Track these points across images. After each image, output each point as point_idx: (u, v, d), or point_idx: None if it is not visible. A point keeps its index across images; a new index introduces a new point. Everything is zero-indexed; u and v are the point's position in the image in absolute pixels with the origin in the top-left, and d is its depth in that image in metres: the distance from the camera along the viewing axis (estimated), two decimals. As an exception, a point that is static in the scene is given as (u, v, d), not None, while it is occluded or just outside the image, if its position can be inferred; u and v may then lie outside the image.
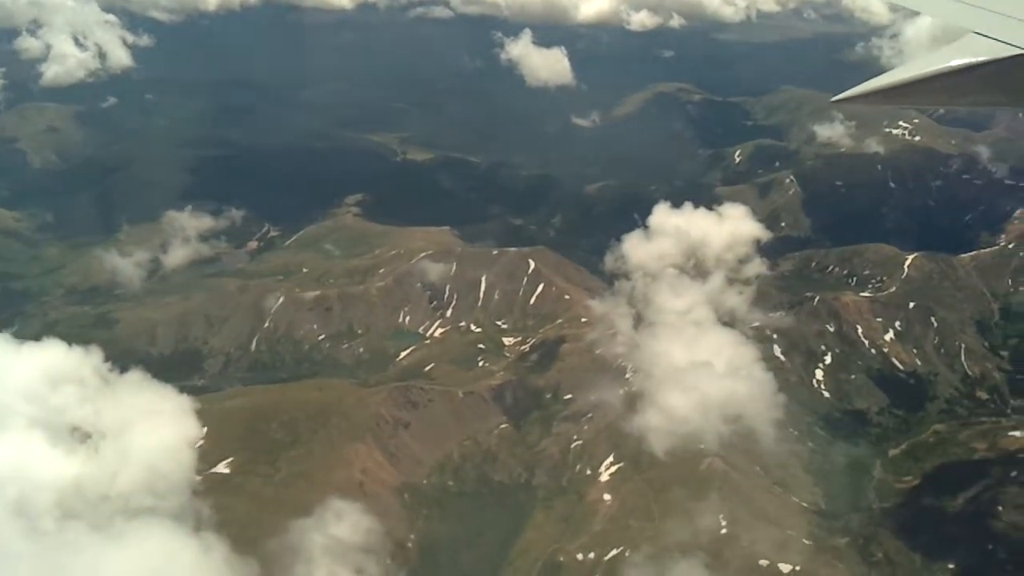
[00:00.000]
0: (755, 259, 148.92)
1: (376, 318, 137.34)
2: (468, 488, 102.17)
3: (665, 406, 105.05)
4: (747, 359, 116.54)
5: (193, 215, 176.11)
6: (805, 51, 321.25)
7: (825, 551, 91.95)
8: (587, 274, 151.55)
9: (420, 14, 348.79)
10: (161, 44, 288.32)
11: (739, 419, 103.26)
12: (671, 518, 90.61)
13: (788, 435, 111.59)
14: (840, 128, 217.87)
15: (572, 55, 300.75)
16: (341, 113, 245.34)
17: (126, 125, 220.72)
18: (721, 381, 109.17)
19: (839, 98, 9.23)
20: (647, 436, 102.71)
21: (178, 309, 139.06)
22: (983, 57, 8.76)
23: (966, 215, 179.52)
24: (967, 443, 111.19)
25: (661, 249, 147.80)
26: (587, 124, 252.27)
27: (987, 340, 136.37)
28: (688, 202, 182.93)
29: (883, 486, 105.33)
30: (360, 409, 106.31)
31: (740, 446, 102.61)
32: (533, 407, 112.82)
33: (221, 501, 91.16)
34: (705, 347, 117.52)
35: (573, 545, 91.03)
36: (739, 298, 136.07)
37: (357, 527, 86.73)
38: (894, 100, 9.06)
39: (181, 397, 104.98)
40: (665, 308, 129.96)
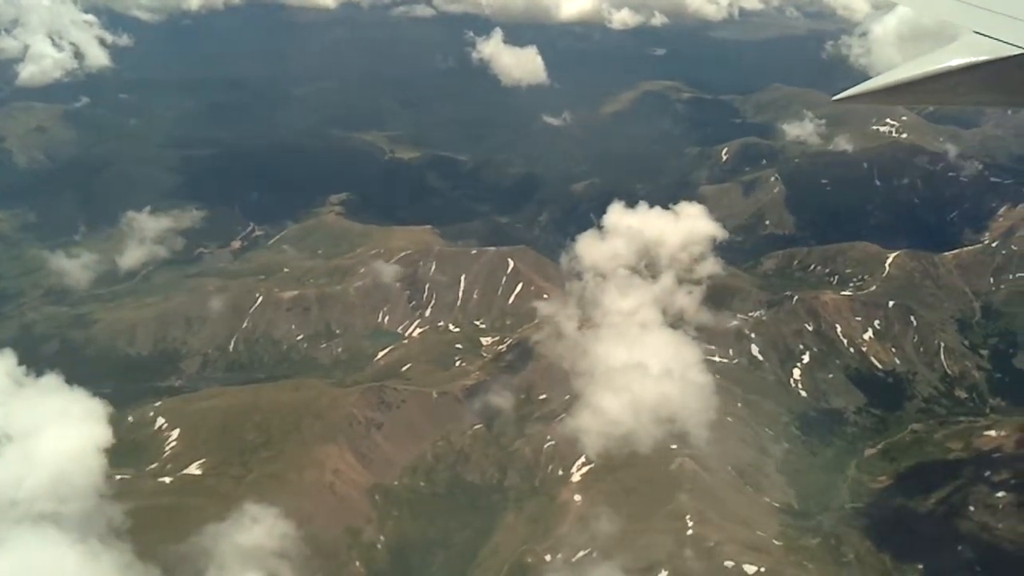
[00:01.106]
0: (710, 258, 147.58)
1: (355, 318, 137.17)
2: (440, 489, 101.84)
3: (599, 408, 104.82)
4: (689, 360, 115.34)
5: (176, 215, 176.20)
6: (794, 48, 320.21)
7: (796, 551, 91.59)
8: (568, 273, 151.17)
9: (403, 12, 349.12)
10: (141, 44, 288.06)
11: (672, 420, 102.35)
12: (639, 519, 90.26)
13: (763, 435, 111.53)
14: (810, 126, 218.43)
15: (559, 53, 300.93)
16: (330, 112, 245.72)
17: (110, 125, 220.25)
18: (655, 382, 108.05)
19: (841, 97, 9.31)
20: (581, 438, 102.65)
21: (157, 309, 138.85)
22: (984, 57, 8.79)
23: (951, 213, 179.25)
24: (943, 443, 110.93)
25: (614, 249, 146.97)
26: (574, 122, 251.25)
27: (967, 338, 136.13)
28: (672, 200, 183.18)
29: (857, 486, 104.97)
30: (333, 410, 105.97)
31: (712, 446, 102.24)
32: (507, 407, 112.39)
33: (186, 502, 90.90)
34: (646, 348, 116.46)
35: (542, 546, 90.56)
36: (689, 298, 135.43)
37: (272, 531, 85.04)
38: (895, 99, 9.14)
39: (93, 401, 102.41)
40: (612, 309, 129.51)
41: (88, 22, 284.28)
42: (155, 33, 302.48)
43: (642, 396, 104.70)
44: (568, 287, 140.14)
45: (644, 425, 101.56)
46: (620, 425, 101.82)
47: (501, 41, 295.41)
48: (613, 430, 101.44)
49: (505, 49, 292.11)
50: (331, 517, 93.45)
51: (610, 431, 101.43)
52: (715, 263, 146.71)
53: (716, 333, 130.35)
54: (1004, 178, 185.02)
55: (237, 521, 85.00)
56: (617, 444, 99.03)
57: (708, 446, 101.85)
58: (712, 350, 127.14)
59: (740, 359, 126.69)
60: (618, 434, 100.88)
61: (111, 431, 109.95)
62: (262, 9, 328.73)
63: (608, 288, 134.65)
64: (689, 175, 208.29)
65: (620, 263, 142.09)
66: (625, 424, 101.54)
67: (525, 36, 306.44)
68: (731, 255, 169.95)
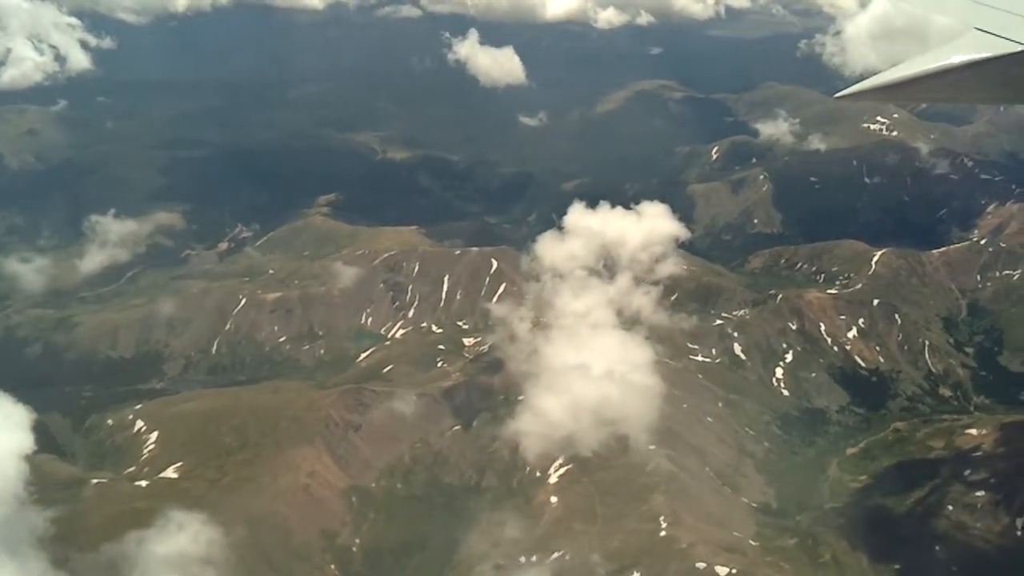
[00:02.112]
0: (670, 258, 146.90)
1: (338, 319, 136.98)
2: (417, 491, 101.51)
3: (539, 410, 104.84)
4: (637, 361, 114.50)
5: (164, 217, 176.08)
6: (789, 46, 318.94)
7: (772, 552, 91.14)
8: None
9: (389, 13, 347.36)
10: (125, 46, 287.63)
11: (614, 423, 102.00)
12: (613, 520, 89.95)
13: (743, 435, 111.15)
14: (784, 126, 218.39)
15: (552, 53, 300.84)
16: (322, 113, 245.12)
17: (100, 128, 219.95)
18: (597, 384, 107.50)
19: (843, 94, 9.30)
20: (520, 441, 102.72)
21: (141, 312, 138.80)
22: (986, 54, 8.68)
23: (940, 210, 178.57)
24: (924, 442, 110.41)
25: (574, 250, 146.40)
26: (567, 122, 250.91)
27: (953, 336, 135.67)
28: (660, 199, 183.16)
29: (837, 486, 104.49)
30: (310, 412, 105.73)
31: (687, 447, 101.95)
32: (485, 408, 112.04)
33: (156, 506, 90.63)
34: (594, 349, 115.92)
35: (516, 549, 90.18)
36: (646, 298, 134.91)
37: (198, 538, 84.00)
38: (897, 96, 9.13)
39: (16, 407, 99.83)
40: (565, 310, 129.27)
41: (71, 25, 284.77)
42: (140, 35, 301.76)
43: (583, 398, 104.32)
44: (526, 288, 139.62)
45: (584, 427, 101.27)
46: (560, 427, 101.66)
47: (489, 42, 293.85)
48: (553, 432, 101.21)
49: (493, 50, 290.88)
50: (306, 520, 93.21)
51: (550, 433, 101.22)
52: (676, 263, 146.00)
53: (699, 332, 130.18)
54: (994, 175, 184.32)
55: (163, 528, 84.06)
56: (557, 446, 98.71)
57: (684, 446, 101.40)
58: (694, 349, 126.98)
59: (723, 358, 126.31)
60: (558, 436, 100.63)
61: (93, 434, 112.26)
62: (250, 10, 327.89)
63: (564, 289, 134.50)
64: (679, 174, 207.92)
65: (579, 264, 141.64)
66: (565, 426, 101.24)
67: (517, 36, 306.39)
68: (718, 254, 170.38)
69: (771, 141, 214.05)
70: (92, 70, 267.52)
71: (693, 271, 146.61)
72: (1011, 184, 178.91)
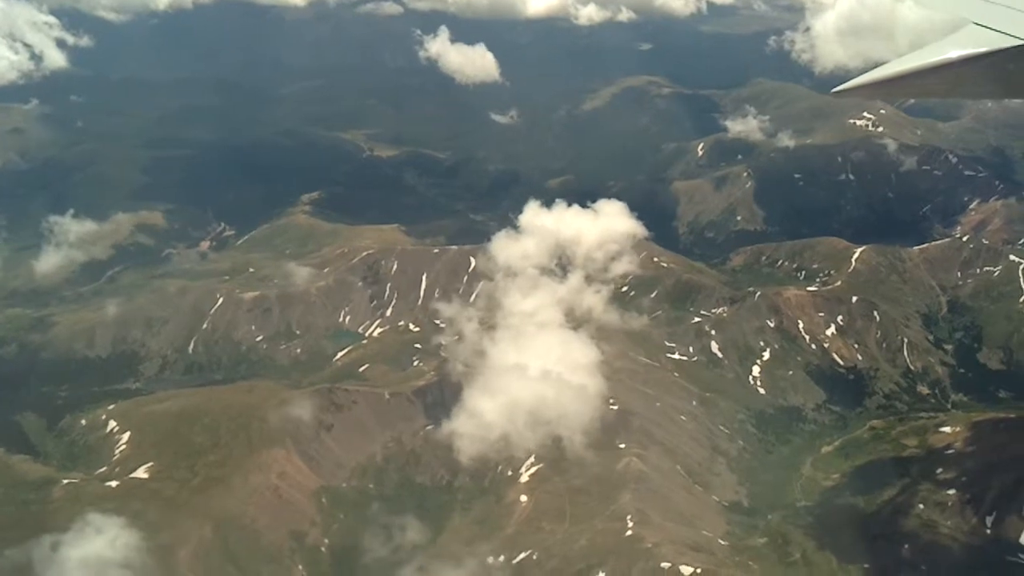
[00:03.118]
0: (624, 257, 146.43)
1: (316, 318, 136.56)
2: (388, 491, 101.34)
3: (476, 410, 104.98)
4: (581, 361, 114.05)
5: (147, 215, 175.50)
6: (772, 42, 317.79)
7: (741, 551, 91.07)
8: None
9: (371, 10, 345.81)
10: (105, 44, 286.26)
11: (549, 423, 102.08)
12: (581, 520, 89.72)
13: (717, 433, 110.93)
14: (754, 123, 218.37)
15: (536, 49, 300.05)
16: (308, 110, 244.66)
17: (83, 127, 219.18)
18: (535, 384, 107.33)
19: (841, 89, 9.23)
20: (454, 442, 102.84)
21: (119, 311, 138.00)
22: (983, 48, 8.67)
23: (924, 207, 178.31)
24: (898, 439, 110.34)
25: (528, 248, 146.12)
26: (555, 119, 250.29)
27: (932, 333, 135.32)
28: (644, 196, 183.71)
29: (810, 484, 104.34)
30: (282, 412, 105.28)
31: (659, 446, 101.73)
32: (460, 407, 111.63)
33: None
34: (541, 349, 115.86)
35: (485, 548, 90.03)
36: (596, 297, 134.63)
37: (115, 542, 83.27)
38: (895, 91, 9.10)
39: None
40: (514, 310, 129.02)
41: (48, 23, 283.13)
42: (121, 33, 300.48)
43: (519, 398, 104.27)
44: (477, 288, 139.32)
45: (519, 428, 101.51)
46: (495, 428, 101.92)
47: (472, 38, 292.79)
48: (487, 433, 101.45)
49: (470, 47, 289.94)
50: (274, 521, 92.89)
51: (484, 434, 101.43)
52: (630, 262, 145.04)
53: (676, 331, 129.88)
54: (978, 171, 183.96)
55: (80, 531, 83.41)
56: (492, 448, 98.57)
57: (655, 445, 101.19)
58: (670, 347, 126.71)
59: (700, 356, 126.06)
60: (492, 437, 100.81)
61: (66, 435, 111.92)
62: (232, 8, 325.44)
63: (515, 288, 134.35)
64: (664, 171, 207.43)
65: (532, 262, 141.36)
66: (500, 427, 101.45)
67: (501, 33, 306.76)
68: (701, 251, 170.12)
69: (755, 138, 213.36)
70: (68, 68, 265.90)
71: (672, 269, 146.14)
72: (995, 180, 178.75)
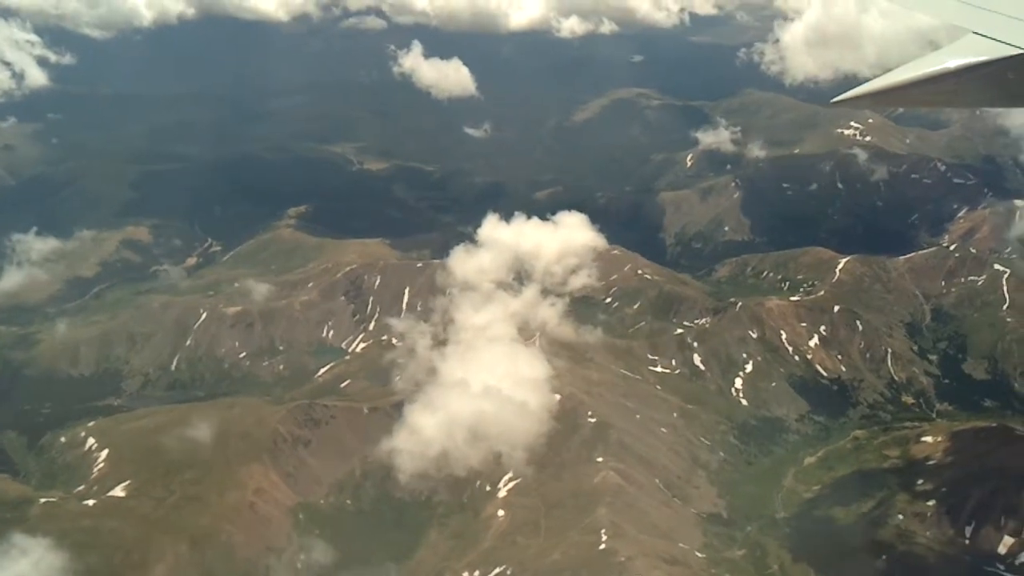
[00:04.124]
0: (583, 271, 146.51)
1: (298, 333, 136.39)
2: (366, 506, 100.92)
3: (416, 426, 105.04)
4: (528, 376, 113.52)
5: (133, 231, 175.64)
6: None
7: (718, 563, 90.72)
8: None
9: (354, 24, 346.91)
10: (88, 61, 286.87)
11: (488, 439, 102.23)
12: (556, 534, 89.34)
13: (698, 445, 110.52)
14: (725, 134, 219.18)
15: (524, 62, 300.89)
16: (297, 125, 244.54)
17: (68, 143, 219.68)
18: (478, 400, 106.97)
19: (840, 99, 9.19)
20: (394, 458, 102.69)
21: (102, 328, 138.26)
22: (983, 57, 8.69)
23: (912, 216, 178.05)
24: (880, 450, 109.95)
25: (486, 263, 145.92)
26: (544, 131, 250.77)
27: (917, 343, 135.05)
28: (631, 207, 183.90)
29: (791, 495, 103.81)
30: (259, 429, 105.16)
31: (637, 458, 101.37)
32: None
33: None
34: (488, 364, 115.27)
35: (461, 563, 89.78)
36: (552, 311, 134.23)
37: (39, 564, 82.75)
38: (894, 101, 9.09)
39: None
40: (466, 325, 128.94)
41: (30, 41, 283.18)
42: (104, 50, 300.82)
43: (460, 414, 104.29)
44: (432, 303, 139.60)
45: (458, 444, 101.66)
46: (434, 444, 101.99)
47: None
48: (426, 450, 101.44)
49: (448, 62, 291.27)
50: (250, 537, 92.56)
51: (423, 451, 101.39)
52: (588, 275, 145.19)
53: (658, 343, 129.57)
54: (967, 179, 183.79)
55: (5, 553, 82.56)
56: (432, 464, 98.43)
57: (633, 458, 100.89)
58: (653, 360, 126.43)
59: (682, 368, 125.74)
60: (432, 454, 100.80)
61: (46, 453, 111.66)
62: (216, 24, 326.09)
63: (469, 303, 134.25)
64: (653, 182, 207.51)
65: (490, 277, 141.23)
66: (439, 443, 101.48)
67: (486, 46, 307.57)
68: (688, 262, 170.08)
69: (726, 149, 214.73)
70: (49, 86, 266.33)
71: (656, 280, 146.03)
72: (983, 188, 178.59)
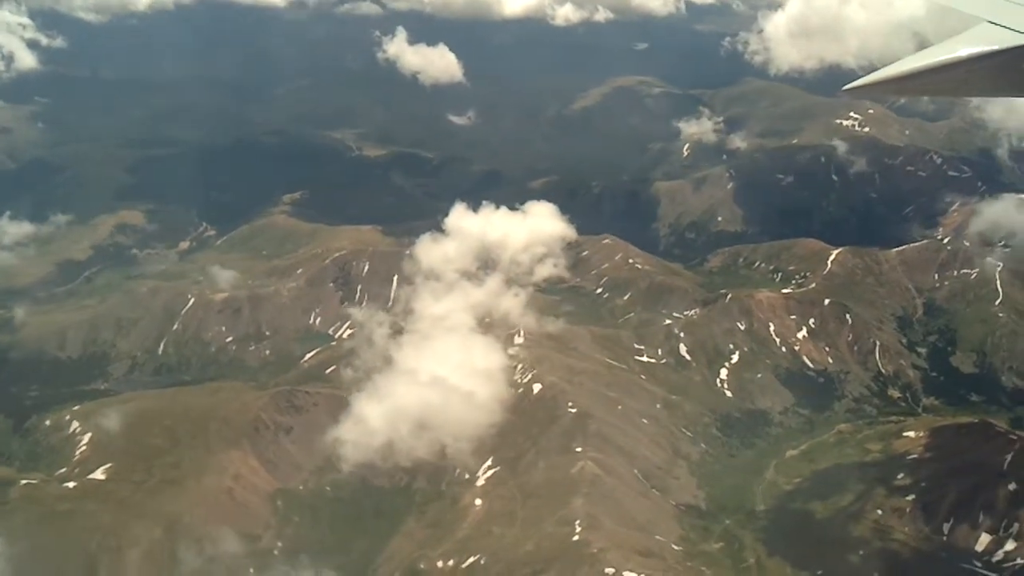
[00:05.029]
0: (549, 260, 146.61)
1: (286, 319, 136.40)
2: (345, 494, 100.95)
3: (362, 416, 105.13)
4: (485, 366, 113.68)
5: (128, 215, 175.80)
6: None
7: (695, 556, 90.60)
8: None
9: (349, 10, 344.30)
10: (81, 45, 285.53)
11: (433, 430, 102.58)
12: (531, 524, 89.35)
13: (680, 436, 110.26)
14: (708, 124, 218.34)
15: (523, 49, 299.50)
16: (297, 110, 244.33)
17: (68, 126, 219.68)
18: (425, 390, 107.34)
19: (851, 86, 9.13)
20: (337, 449, 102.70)
21: (90, 312, 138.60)
22: (995, 46, 8.61)
23: (907, 208, 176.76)
24: (863, 444, 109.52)
25: (452, 252, 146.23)
26: (544, 119, 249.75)
27: (907, 336, 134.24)
28: (625, 197, 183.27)
29: (771, 488, 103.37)
30: (241, 414, 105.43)
31: (616, 449, 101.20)
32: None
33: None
34: (445, 354, 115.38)
35: (436, 552, 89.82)
36: (515, 301, 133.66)
37: (15, 546, 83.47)
38: (906, 89, 8.99)
39: None
40: (426, 315, 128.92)
41: (22, 24, 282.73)
42: (98, 34, 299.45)
43: (407, 404, 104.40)
44: (395, 292, 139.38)
45: (402, 435, 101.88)
46: (379, 434, 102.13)
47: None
48: (371, 440, 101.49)
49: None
50: (227, 523, 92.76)
51: (368, 441, 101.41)
52: (555, 265, 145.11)
53: (645, 333, 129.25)
54: (963, 172, 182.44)
55: None
56: (377, 454, 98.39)
57: (613, 448, 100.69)
58: (639, 350, 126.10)
59: (668, 359, 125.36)
60: (376, 444, 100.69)
61: (31, 436, 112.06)
62: (213, 8, 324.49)
63: (432, 293, 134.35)
64: (649, 172, 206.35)
65: (454, 266, 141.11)
66: (384, 433, 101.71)
67: (482, 33, 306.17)
68: (681, 252, 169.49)
69: (708, 140, 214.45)
70: (38, 69, 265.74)
71: (647, 270, 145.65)
72: (978, 181, 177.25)
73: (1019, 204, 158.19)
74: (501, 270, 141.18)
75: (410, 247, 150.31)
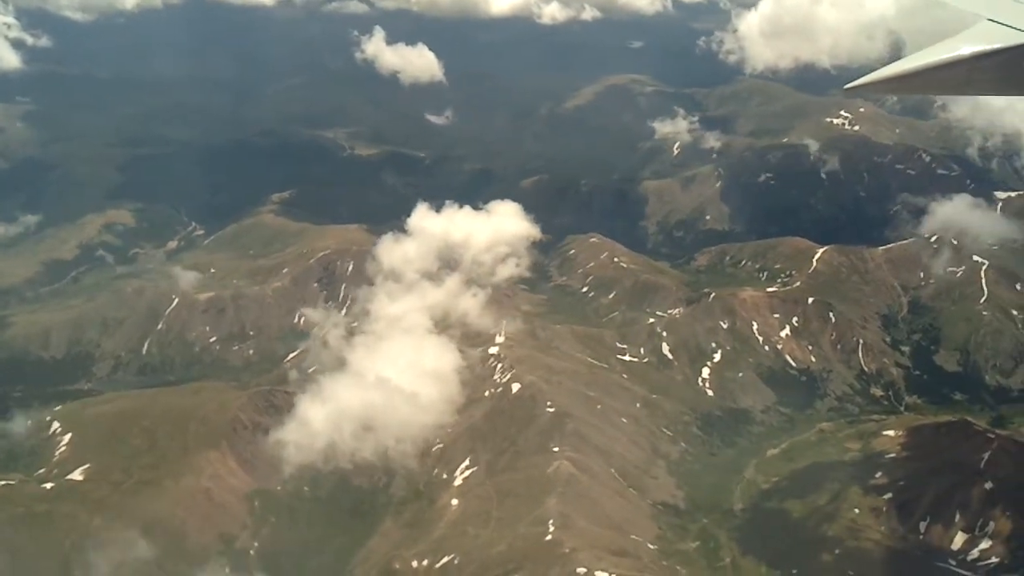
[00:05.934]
0: (511, 260, 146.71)
1: (270, 319, 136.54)
2: (323, 494, 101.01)
3: (305, 418, 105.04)
4: (443, 367, 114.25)
5: (116, 215, 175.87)
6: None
7: (671, 555, 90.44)
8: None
9: (336, 9, 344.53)
10: (67, 44, 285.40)
11: (373, 429, 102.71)
12: (506, 524, 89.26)
13: (659, 435, 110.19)
14: (683, 124, 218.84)
15: (511, 47, 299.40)
16: (288, 109, 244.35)
17: (58, 125, 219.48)
18: (368, 392, 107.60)
19: (853, 85, 9.25)
20: (279, 451, 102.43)
21: (76, 312, 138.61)
22: (997, 45, 8.64)
23: (895, 206, 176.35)
24: (843, 443, 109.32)
25: (413, 252, 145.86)
26: (536, 118, 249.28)
27: (891, 335, 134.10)
28: (614, 195, 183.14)
29: (750, 487, 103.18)
30: (220, 414, 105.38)
31: (593, 448, 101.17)
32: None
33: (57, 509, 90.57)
34: (398, 356, 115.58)
35: (411, 552, 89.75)
36: (473, 301, 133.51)
37: None
38: (907, 88, 9.10)
39: None
40: (382, 315, 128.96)
41: (7, 23, 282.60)
42: (85, 33, 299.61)
43: (349, 406, 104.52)
44: (352, 294, 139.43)
45: (344, 436, 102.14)
46: (321, 436, 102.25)
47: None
48: (313, 441, 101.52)
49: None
50: (203, 524, 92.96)
51: (310, 443, 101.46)
52: (516, 265, 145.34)
53: (628, 332, 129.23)
54: (951, 171, 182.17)
55: None
56: (319, 456, 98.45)
57: (590, 447, 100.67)
58: (622, 348, 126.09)
59: (650, 357, 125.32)
60: (318, 447, 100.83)
61: (11, 435, 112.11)
62: (201, 7, 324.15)
63: (389, 293, 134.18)
64: (639, 170, 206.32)
65: (415, 266, 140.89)
66: (326, 435, 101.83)
67: (470, 31, 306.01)
68: (668, 250, 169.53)
69: (684, 140, 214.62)
70: (22, 68, 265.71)
71: (632, 269, 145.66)
72: (966, 179, 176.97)
73: (971, 205, 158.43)
74: (462, 270, 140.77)
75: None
